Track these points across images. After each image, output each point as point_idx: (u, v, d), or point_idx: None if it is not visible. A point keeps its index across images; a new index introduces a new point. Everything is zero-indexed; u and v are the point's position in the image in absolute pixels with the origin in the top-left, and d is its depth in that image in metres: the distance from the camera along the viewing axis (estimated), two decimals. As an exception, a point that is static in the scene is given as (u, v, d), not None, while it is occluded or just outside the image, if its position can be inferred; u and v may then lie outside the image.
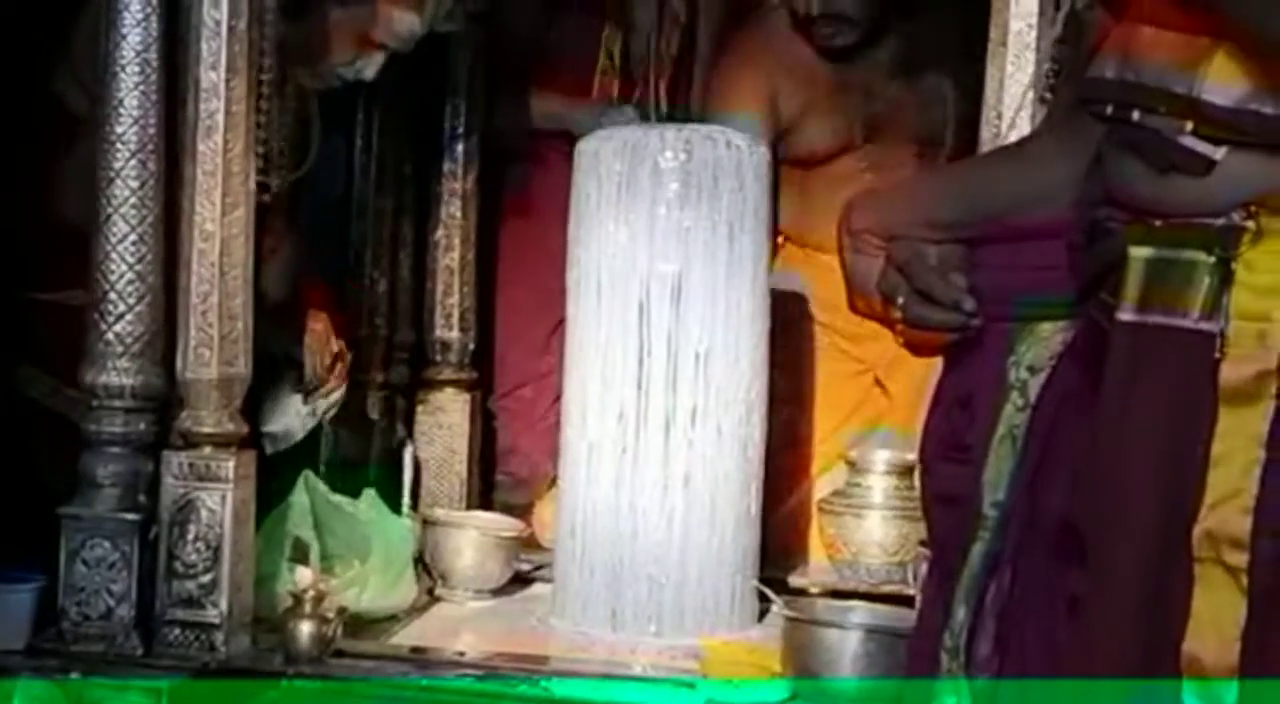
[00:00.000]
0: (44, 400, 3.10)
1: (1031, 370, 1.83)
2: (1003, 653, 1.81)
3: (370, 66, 3.25)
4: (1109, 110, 1.70)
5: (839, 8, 3.61)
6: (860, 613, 2.77)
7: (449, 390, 3.74)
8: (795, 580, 3.41)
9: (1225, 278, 1.63)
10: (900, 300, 1.91)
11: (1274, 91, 1.59)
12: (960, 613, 1.83)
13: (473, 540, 3.32)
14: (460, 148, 3.69)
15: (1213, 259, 1.64)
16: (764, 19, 3.78)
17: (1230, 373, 1.63)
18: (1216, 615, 1.62)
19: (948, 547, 1.87)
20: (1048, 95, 2.43)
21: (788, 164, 3.71)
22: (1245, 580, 1.61)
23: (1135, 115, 1.68)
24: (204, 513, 2.72)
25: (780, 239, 3.73)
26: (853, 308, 2.03)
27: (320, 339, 3.40)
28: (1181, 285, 1.66)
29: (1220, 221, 1.63)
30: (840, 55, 3.70)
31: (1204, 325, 1.64)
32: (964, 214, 1.90)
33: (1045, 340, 1.83)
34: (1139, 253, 1.70)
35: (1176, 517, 1.64)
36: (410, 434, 3.72)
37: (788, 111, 3.68)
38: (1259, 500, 1.61)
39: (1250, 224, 1.62)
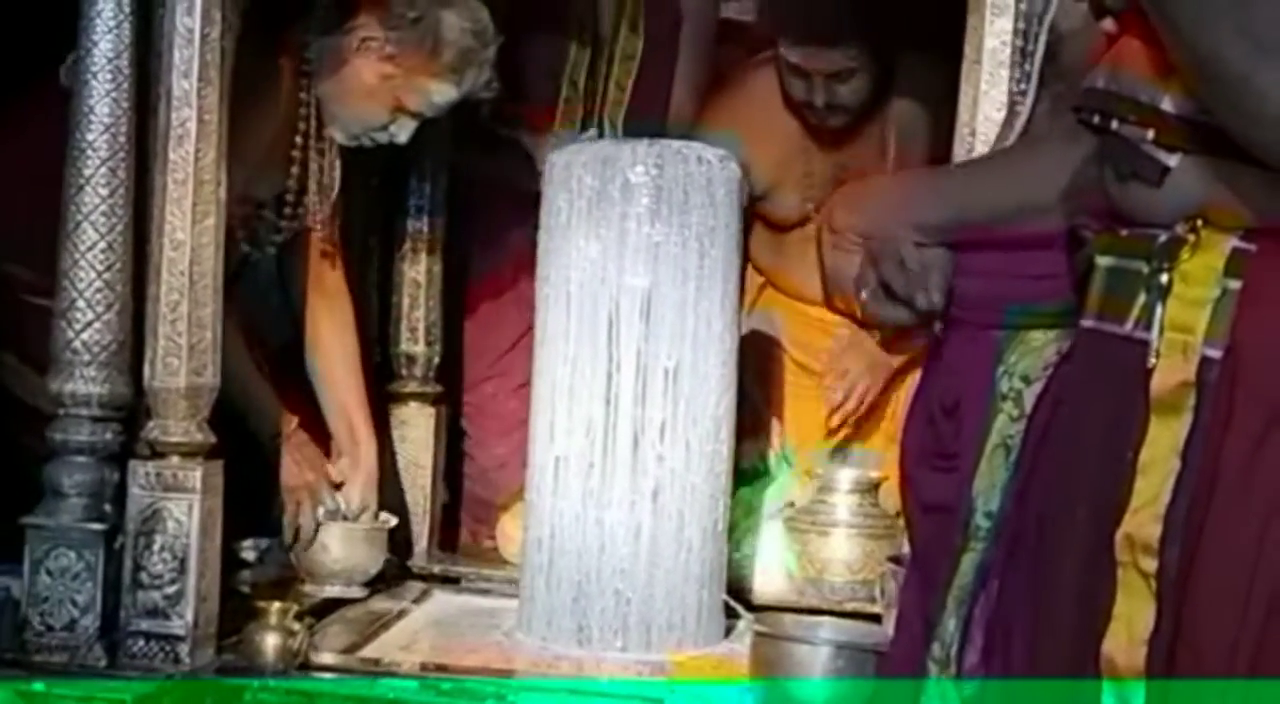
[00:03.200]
0: (44, 406, 3.11)
1: (1026, 380, 1.85)
2: (988, 663, 1.82)
3: (404, 131, 3.26)
4: (1096, 119, 1.73)
5: (844, 99, 3.60)
6: (829, 628, 2.77)
7: (414, 404, 3.71)
8: (757, 597, 3.41)
9: (1162, 289, 1.66)
10: (864, 296, 1.93)
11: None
12: (951, 624, 1.84)
13: (337, 534, 3.33)
14: (427, 161, 3.68)
15: (1149, 270, 1.67)
16: (745, 83, 3.77)
17: (1158, 383, 1.66)
18: (1130, 618, 1.67)
19: (931, 555, 1.88)
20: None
21: (761, 222, 3.76)
22: (1155, 586, 1.65)
23: (1114, 124, 1.72)
24: (170, 523, 2.71)
25: (761, 280, 3.80)
26: (829, 305, 2.04)
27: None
28: (1127, 295, 1.71)
29: (1165, 234, 1.66)
30: (828, 132, 3.70)
31: (1139, 334, 1.68)
32: (953, 219, 1.92)
33: (1038, 350, 1.85)
34: (1102, 261, 1.75)
35: (1109, 520, 1.67)
36: (375, 447, 3.70)
37: (760, 180, 3.66)
38: (1170, 508, 1.65)
39: (1191, 237, 1.65)
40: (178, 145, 2.72)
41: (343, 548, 3.34)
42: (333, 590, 3.30)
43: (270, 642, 2.74)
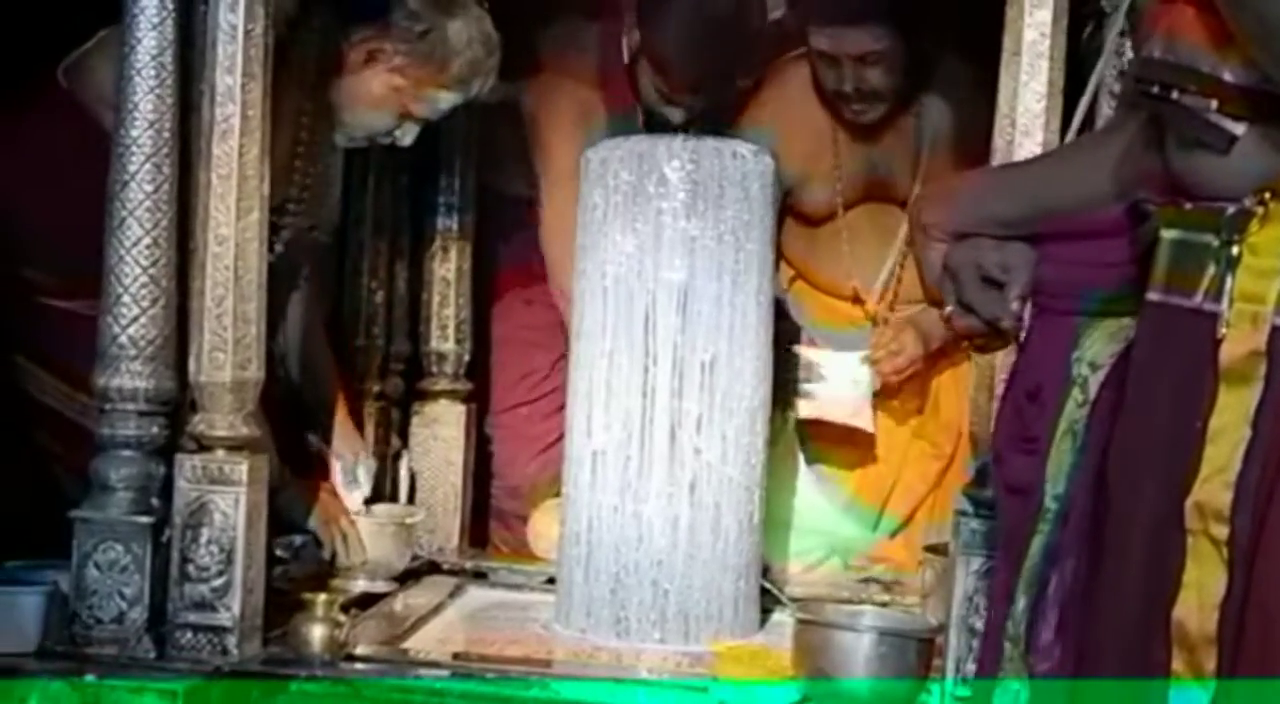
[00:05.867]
0: (61, 408, 3.13)
1: (1093, 367, 1.88)
2: (1064, 641, 1.84)
3: (408, 135, 3.31)
4: (1155, 89, 1.75)
5: (874, 85, 3.64)
6: (871, 616, 2.79)
7: (444, 401, 3.75)
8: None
9: (1231, 261, 1.68)
10: (948, 309, 1.96)
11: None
12: (1021, 602, 1.87)
13: (364, 529, 3.38)
14: (456, 159, 3.71)
15: (1219, 242, 1.69)
16: (778, 77, 3.82)
17: (1228, 353, 1.68)
18: (1201, 584, 1.69)
19: (1015, 536, 1.91)
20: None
21: (792, 216, 3.80)
22: (1226, 552, 1.67)
23: (1174, 94, 1.74)
24: (217, 516, 2.72)
25: (793, 273, 3.84)
26: (927, 298, 2.06)
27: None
28: (1195, 267, 1.73)
29: (1233, 206, 1.68)
30: (859, 126, 3.75)
31: (1208, 306, 1.70)
32: (1029, 212, 1.94)
33: (1109, 337, 1.87)
34: (1168, 235, 1.77)
35: (1178, 489, 1.69)
36: (405, 445, 3.73)
37: (790, 173, 3.68)
38: (1240, 476, 1.67)
39: (1260, 209, 1.67)
40: (221, 141, 2.73)
41: (369, 543, 3.37)
42: (359, 584, 3.33)
43: (317, 633, 2.76)
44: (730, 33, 3.64)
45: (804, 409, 3.68)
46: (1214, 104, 1.70)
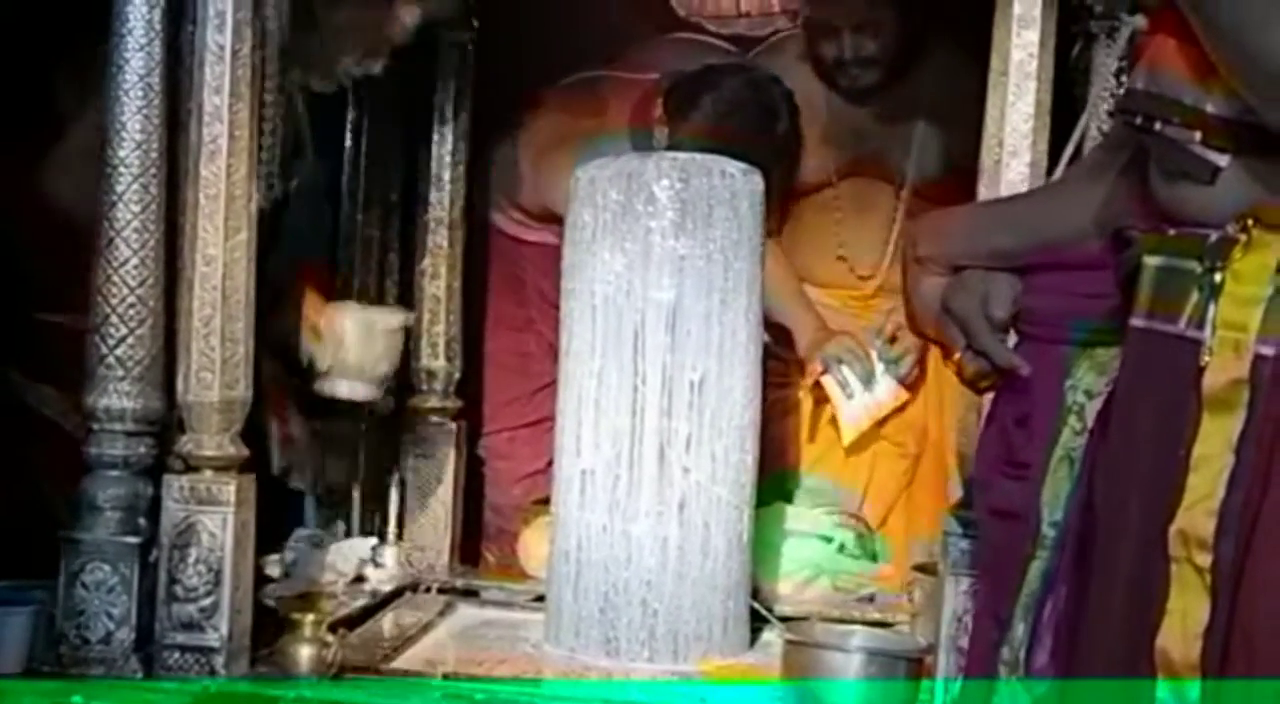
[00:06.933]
0: (58, 419, 3.13)
1: (1088, 394, 1.88)
2: (1056, 664, 1.85)
3: (377, 63, 3.29)
4: (1139, 120, 1.76)
5: (871, 53, 3.74)
6: (861, 636, 2.79)
7: (434, 419, 3.74)
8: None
9: (1214, 288, 1.68)
10: (957, 355, 1.97)
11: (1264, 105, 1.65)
12: (1019, 629, 1.88)
13: (351, 327, 3.35)
14: (447, 176, 3.71)
15: (1201, 269, 1.70)
16: (774, 53, 3.93)
17: (1210, 380, 1.68)
18: (1184, 612, 1.69)
19: (1001, 559, 1.91)
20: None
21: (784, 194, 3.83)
22: (1209, 580, 1.67)
23: (1158, 125, 1.74)
24: (205, 536, 2.72)
25: None
26: (914, 331, 2.07)
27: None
28: (1178, 294, 1.74)
29: (1216, 233, 1.69)
30: (853, 97, 3.82)
31: (1191, 333, 1.71)
32: (1031, 244, 1.95)
33: (1103, 365, 1.88)
34: (1151, 261, 1.78)
35: (1161, 516, 1.69)
36: (396, 462, 3.72)
37: None
38: (1223, 504, 1.67)
39: (1243, 236, 1.68)
40: (209, 161, 2.73)
41: (354, 346, 3.36)
42: (340, 387, 3.33)
43: (305, 653, 2.75)
44: (756, 135, 3.67)
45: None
46: (1197, 136, 1.70)
